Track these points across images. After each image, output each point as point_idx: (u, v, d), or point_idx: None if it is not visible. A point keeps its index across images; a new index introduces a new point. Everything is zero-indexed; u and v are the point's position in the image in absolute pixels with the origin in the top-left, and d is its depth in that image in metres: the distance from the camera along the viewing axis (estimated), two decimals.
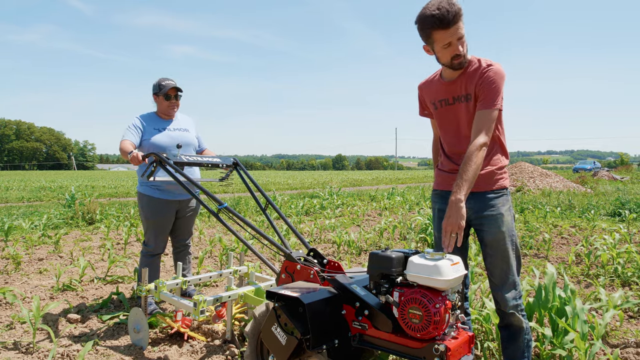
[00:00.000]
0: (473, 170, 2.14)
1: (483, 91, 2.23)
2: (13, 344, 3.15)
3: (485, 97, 2.23)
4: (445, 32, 2.14)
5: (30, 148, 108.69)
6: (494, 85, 2.21)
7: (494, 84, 2.22)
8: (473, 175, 2.14)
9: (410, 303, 2.01)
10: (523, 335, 2.33)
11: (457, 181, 2.15)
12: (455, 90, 2.34)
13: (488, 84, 2.22)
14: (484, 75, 2.24)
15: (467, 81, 2.29)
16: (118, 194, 18.42)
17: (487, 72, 2.23)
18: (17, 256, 5.36)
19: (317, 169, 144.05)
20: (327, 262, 2.62)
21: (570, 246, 6.41)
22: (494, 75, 2.22)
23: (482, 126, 2.21)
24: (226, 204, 2.78)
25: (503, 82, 2.24)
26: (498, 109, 2.23)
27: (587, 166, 40.83)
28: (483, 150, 2.18)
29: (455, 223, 2.10)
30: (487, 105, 2.22)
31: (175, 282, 3.34)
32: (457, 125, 2.39)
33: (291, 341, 2.12)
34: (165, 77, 3.69)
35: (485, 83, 2.23)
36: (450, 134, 2.43)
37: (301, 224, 8.63)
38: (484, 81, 2.23)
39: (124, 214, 9.95)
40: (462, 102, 2.34)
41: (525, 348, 2.33)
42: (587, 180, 20.07)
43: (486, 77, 2.23)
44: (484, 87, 2.23)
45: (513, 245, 2.30)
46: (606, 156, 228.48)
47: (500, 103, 2.23)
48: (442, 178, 2.50)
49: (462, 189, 2.12)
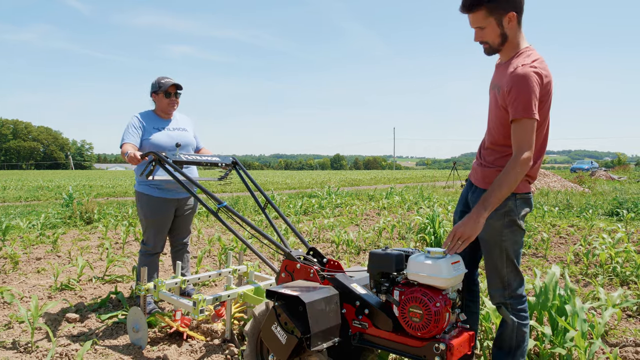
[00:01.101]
0: (506, 187, 2.01)
1: (509, 99, 2.06)
2: (12, 344, 3.14)
3: (510, 106, 2.06)
4: (468, 16, 2.15)
5: (28, 147, 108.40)
6: (514, 93, 2.03)
7: (514, 93, 2.03)
8: (506, 192, 2.03)
9: (411, 302, 2.01)
10: (508, 331, 2.30)
11: (487, 193, 2.06)
12: (495, 77, 2.29)
13: (510, 92, 2.05)
14: (508, 79, 2.06)
15: (501, 73, 2.18)
16: (116, 193, 18.37)
17: (510, 77, 2.06)
18: (15, 256, 5.34)
19: (315, 169, 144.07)
20: (327, 261, 2.62)
21: (569, 245, 6.42)
22: (514, 82, 2.03)
23: (515, 139, 2.04)
24: (225, 203, 2.78)
25: (527, 88, 1.99)
26: (529, 118, 2.00)
27: (585, 166, 40.92)
28: (523, 165, 2.00)
29: (467, 234, 2.05)
30: (513, 115, 2.05)
31: (175, 282, 3.33)
32: (488, 115, 2.32)
33: (291, 340, 2.11)
34: (164, 76, 3.69)
35: (509, 90, 2.05)
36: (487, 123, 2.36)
37: (300, 224, 8.63)
38: (508, 87, 2.05)
39: (122, 214, 9.93)
40: (493, 90, 2.24)
41: (513, 345, 2.30)
42: (584, 180, 20.13)
43: (508, 83, 2.06)
44: (509, 95, 2.05)
45: (500, 249, 2.22)
46: (603, 156, 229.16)
47: (525, 112, 1.99)
48: (472, 169, 2.46)
49: (489, 205, 2.02)
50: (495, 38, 2.13)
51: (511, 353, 2.31)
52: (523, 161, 2.00)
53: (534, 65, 2.04)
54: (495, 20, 2.09)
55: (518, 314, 2.29)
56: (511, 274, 2.27)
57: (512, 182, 2.01)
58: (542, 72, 2.05)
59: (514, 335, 2.29)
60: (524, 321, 2.30)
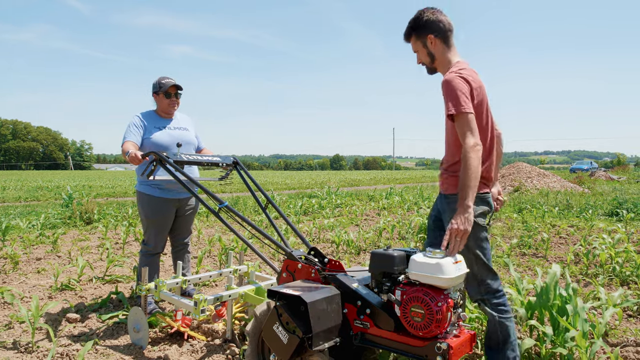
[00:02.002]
0: (470, 175, 2.17)
1: (444, 102, 2.34)
2: (12, 344, 3.13)
3: (445, 107, 2.32)
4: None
5: (27, 148, 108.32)
6: (445, 95, 2.31)
7: (445, 95, 2.31)
8: (473, 179, 2.16)
9: (413, 301, 2.01)
10: (492, 326, 2.36)
11: (459, 188, 2.20)
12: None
13: (443, 96, 2.34)
14: (441, 86, 2.37)
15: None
16: (115, 193, 18.37)
17: (441, 84, 2.36)
18: (15, 256, 5.34)
19: (315, 169, 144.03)
20: (328, 261, 2.62)
21: (569, 246, 6.42)
22: (443, 86, 2.33)
23: (459, 132, 2.28)
24: (227, 203, 2.78)
25: (453, 88, 2.26)
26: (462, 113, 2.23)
27: (584, 166, 40.93)
28: (473, 151, 2.18)
29: (462, 229, 2.11)
30: (448, 113, 2.29)
31: (176, 281, 3.33)
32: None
33: (293, 340, 2.11)
34: (164, 76, 3.69)
35: (442, 95, 2.36)
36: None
37: (300, 224, 8.63)
38: (442, 93, 2.36)
39: (122, 214, 9.92)
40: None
41: (500, 340, 2.36)
42: (584, 180, 20.14)
43: (441, 90, 2.36)
44: (444, 99, 2.34)
45: (466, 247, 2.27)
46: (603, 156, 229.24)
47: (457, 108, 2.24)
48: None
49: (466, 195, 2.15)
50: (426, 58, 2.52)
51: (499, 349, 2.36)
52: (471, 147, 2.19)
53: (459, 72, 2.33)
54: (421, 43, 2.50)
55: (497, 308, 2.36)
56: (481, 270, 2.36)
57: (472, 168, 2.16)
58: (468, 77, 2.31)
59: (497, 330, 2.35)
60: (505, 315, 2.36)
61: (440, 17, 2.44)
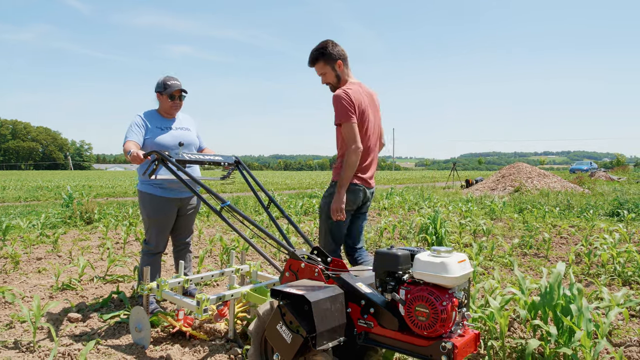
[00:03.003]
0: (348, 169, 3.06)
1: (334, 113, 3.10)
2: (13, 343, 3.12)
3: (335, 117, 3.09)
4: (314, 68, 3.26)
5: (27, 148, 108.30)
6: (334, 108, 3.07)
7: (334, 107, 3.07)
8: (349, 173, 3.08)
9: (417, 301, 2.00)
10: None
11: (339, 177, 3.11)
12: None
13: (333, 108, 3.09)
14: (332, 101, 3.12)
15: None
16: (115, 193, 18.35)
17: (332, 98, 3.11)
18: (16, 255, 5.32)
19: (315, 169, 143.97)
20: (331, 260, 2.61)
21: (570, 246, 6.42)
22: (333, 100, 3.08)
23: (345, 138, 3.07)
24: (229, 202, 2.76)
25: (340, 101, 3.02)
26: (347, 122, 3.01)
27: (584, 167, 40.94)
28: (353, 154, 3.01)
29: (336, 206, 3.08)
30: (337, 122, 3.09)
31: (177, 281, 3.32)
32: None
33: (296, 339, 2.10)
34: (170, 77, 3.66)
35: (333, 107, 3.10)
36: None
37: (301, 224, 8.62)
38: (333, 106, 3.10)
39: (122, 214, 9.91)
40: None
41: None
42: (584, 180, 20.14)
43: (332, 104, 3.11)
44: (334, 111, 3.09)
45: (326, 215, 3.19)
46: (602, 157, 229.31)
47: (343, 118, 3.02)
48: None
49: (343, 183, 3.08)
50: (333, 79, 3.22)
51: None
52: (353, 150, 3.00)
53: (345, 89, 3.08)
54: (330, 67, 3.19)
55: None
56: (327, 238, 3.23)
57: (351, 165, 3.02)
58: (352, 94, 3.05)
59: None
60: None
61: (341, 48, 3.19)
